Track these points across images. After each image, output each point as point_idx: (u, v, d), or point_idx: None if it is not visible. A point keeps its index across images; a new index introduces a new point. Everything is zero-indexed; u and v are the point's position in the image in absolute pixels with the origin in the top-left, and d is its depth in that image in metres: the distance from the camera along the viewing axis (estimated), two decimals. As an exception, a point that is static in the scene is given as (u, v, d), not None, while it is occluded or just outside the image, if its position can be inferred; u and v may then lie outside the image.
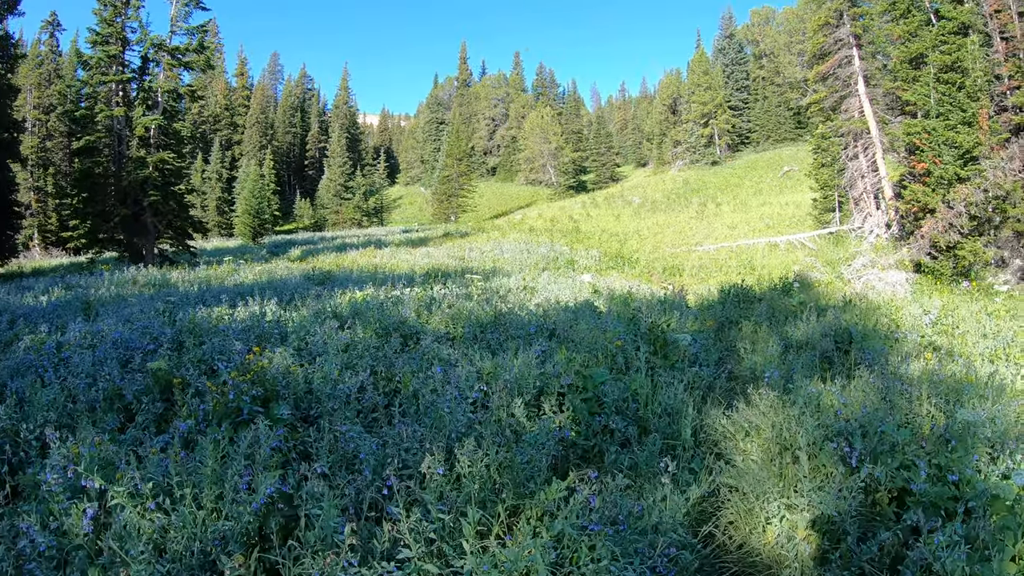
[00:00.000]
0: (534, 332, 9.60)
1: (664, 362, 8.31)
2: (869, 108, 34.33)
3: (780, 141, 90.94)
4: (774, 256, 35.03)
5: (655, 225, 54.02)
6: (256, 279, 21.70)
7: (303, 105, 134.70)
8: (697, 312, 13.27)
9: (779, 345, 9.18)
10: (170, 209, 36.44)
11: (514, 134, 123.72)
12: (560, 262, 34.99)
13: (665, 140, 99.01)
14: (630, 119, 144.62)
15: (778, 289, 16.72)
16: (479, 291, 14.17)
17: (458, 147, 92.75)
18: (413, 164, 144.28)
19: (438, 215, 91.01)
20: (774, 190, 62.04)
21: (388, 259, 35.01)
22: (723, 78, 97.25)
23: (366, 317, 10.91)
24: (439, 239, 52.01)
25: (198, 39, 37.28)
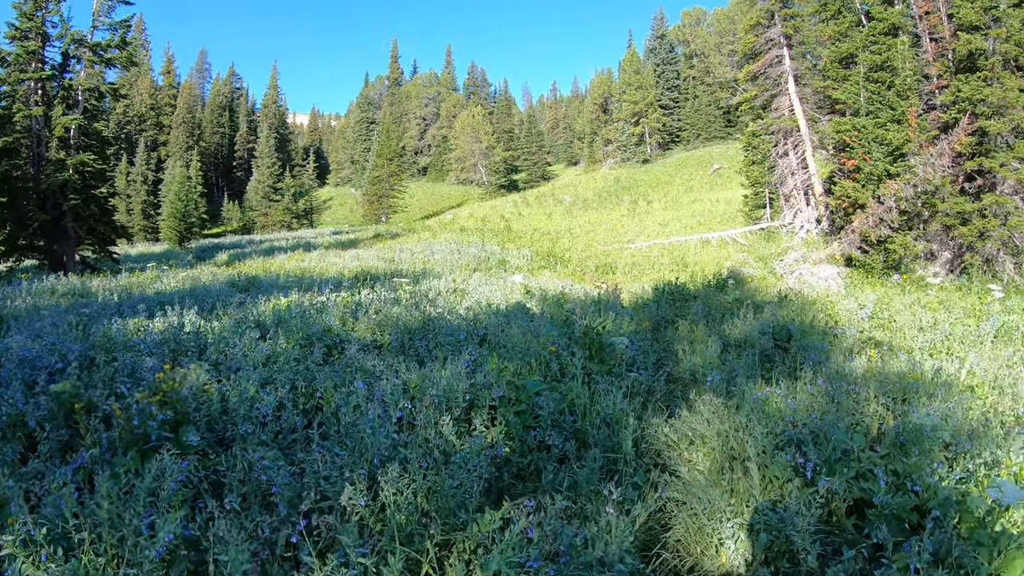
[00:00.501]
0: (464, 339, 9.14)
1: (601, 367, 7.92)
2: (799, 106, 34.59)
3: (710, 139, 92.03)
4: (706, 252, 35.00)
5: (587, 223, 53.93)
6: (179, 286, 20.78)
7: (231, 104, 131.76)
8: (632, 312, 12.93)
9: (718, 345, 8.88)
10: (91, 214, 35.06)
11: (445, 133, 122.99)
12: (492, 262, 34.57)
13: (596, 139, 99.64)
14: (561, 118, 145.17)
15: (713, 286, 16.55)
16: (407, 295, 13.66)
17: (389, 147, 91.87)
18: (344, 164, 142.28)
19: (369, 216, 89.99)
20: (705, 187, 62.39)
21: (317, 262, 34.29)
22: (654, 77, 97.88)
23: (289, 326, 10.39)
24: (369, 241, 51.25)
25: (120, 35, 35.75)
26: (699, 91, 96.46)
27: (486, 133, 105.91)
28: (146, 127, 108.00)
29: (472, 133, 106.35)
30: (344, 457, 4.97)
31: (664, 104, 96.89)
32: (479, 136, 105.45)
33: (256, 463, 4.79)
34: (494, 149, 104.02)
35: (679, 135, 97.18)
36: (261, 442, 5.53)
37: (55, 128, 33.76)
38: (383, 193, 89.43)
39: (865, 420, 5.96)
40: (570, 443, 5.78)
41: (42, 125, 34.08)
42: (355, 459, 4.99)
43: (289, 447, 5.68)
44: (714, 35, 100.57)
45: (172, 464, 4.39)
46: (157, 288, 20.14)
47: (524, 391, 6.32)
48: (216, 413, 6.24)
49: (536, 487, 5.23)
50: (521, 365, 7.63)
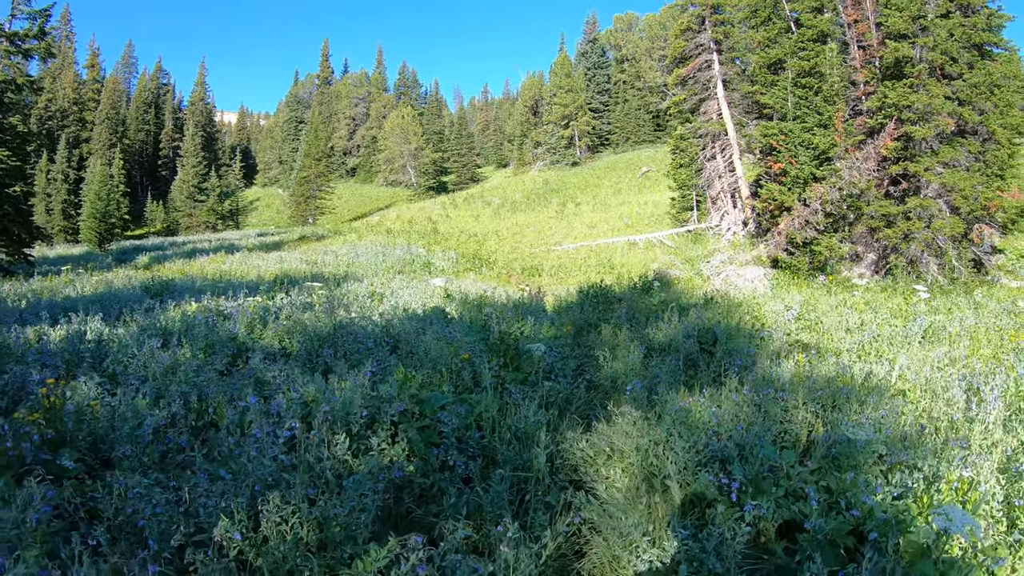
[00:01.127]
0: (372, 347, 8.64)
1: (516, 376, 7.45)
2: (727, 111, 34.74)
3: (639, 143, 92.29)
4: (633, 255, 34.89)
5: (515, 225, 53.76)
6: (93, 291, 20.21)
7: (158, 101, 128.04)
8: (554, 316, 12.52)
9: (641, 350, 8.44)
10: (5, 213, 33.42)
11: (375, 134, 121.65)
12: (416, 264, 34.08)
13: (526, 141, 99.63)
14: (492, 120, 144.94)
15: (638, 288, 16.22)
16: (320, 300, 13.06)
17: (317, 147, 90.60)
18: (272, 165, 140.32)
19: (296, 217, 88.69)
20: (633, 190, 62.61)
21: (238, 265, 33.58)
22: (585, 81, 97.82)
23: (194, 334, 9.86)
24: (295, 243, 50.51)
25: (39, 24, 33.96)
26: (629, 95, 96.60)
27: (415, 134, 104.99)
28: (68, 123, 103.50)
29: (401, 134, 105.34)
30: (228, 482, 4.49)
31: (594, 107, 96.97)
32: (408, 137, 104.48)
33: (131, 489, 4.25)
34: (423, 150, 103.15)
35: (609, 138, 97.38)
36: (142, 464, 5.11)
37: None
38: (311, 194, 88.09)
39: (794, 429, 5.62)
40: (476, 462, 5.28)
41: None
42: (239, 483, 4.50)
43: (176, 469, 5.21)
44: (645, 40, 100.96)
45: (39, 492, 3.96)
46: (69, 293, 19.72)
47: (428, 405, 5.84)
48: (102, 432, 5.73)
49: (439, 511, 4.75)
50: (431, 375, 7.18)
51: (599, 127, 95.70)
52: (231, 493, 4.29)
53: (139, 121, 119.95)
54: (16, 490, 4.19)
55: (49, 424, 5.53)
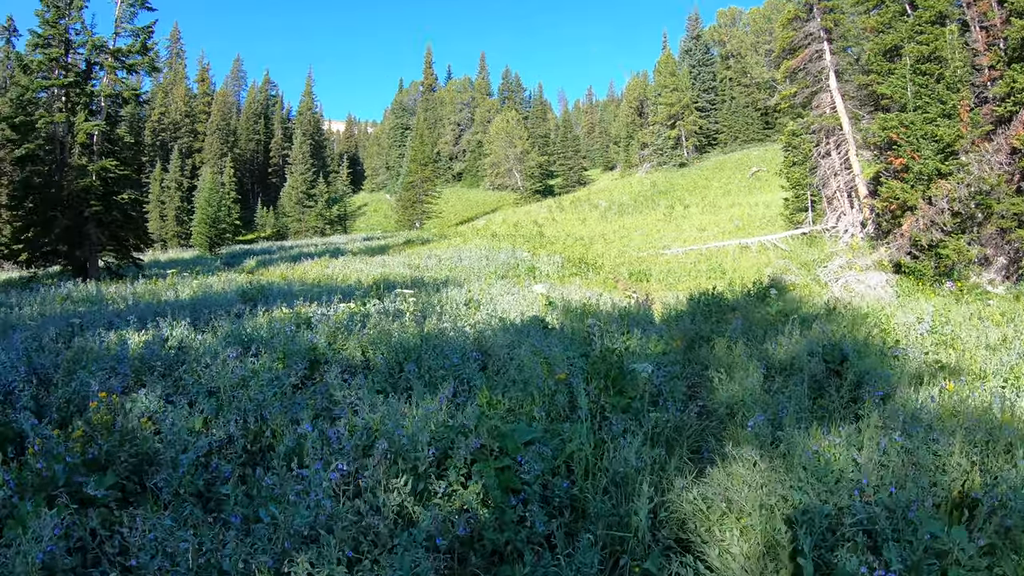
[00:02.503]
0: (459, 362, 7.84)
1: (618, 401, 6.53)
2: (841, 103, 32.96)
3: (748, 142, 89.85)
4: (745, 258, 33.47)
5: (621, 228, 52.69)
6: (191, 294, 20.40)
7: (267, 112, 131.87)
8: (663, 327, 11.58)
9: (760, 370, 7.47)
10: (114, 219, 34.83)
11: (480, 139, 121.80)
12: (520, 269, 33.34)
13: (632, 143, 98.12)
14: (597, 123, 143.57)
15: (753, 296, 15.06)
16: (412, 307, 12.38)
17: (422, 152, 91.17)
18: (378, 171, 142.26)
19: (402, 222, 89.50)
20: (743, 191, 60.67)
21: (340, 269, 33.64)
22: (690, 79, 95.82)
23: (274, 344, 9.29)
24: (399, 247, 50.56)
25: (141, 40, 35.44)
26: (736, 92, 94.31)
27: (520, 138, 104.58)
28: (181, 134, 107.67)
29: (506, 138, 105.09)
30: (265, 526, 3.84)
31: (700, 106, 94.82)
32: (513, 141, 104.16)
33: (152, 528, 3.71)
34: (529, 154, 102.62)
35: (716, 138, 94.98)
36: (178, 496, 4.56)
37: (77, 134, 33.46)
38: (417, 199, 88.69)
39: (944, 480, 4.59)
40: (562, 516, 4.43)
41: (65, 131, 33.96)
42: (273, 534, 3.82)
43: (216, 503, 4.61)
44: (750, 35, 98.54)
45: (49, 524, 3.66)
46: (168, 296, 19.88)
47: (511, 440, 5.01)
48: (151, 452, 5.29)
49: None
50: (521, 398, 6.40)
51: (706, 126, 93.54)
52: (260, 547, 3.67)
53: (249, 131, 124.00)
54: (41, 516, 3.81)
55: (93, 442, 5.16)
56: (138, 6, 35.36)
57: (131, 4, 35.22)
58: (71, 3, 33.89)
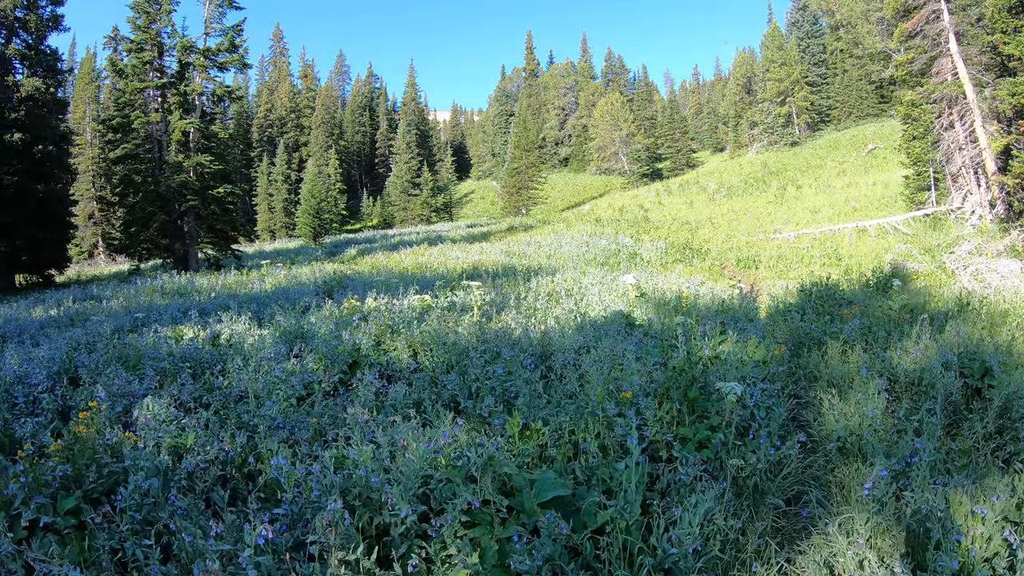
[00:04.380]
0: (501, 373, 6.53)
1: (694, 433, 5.10)
2: (963, 69, 30.21)
3: (862, 118, 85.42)
4: (863, 243, 31.14)
5: (730, 212, 50.72)
6: (274, 286, 20.68)
7: (371, 104, 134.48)
8: (767, 323, 10.06)
9: (881, 388, 5.92)
10: (210, 213, 36.35)
11: (584, 123, 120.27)
12: (621, 256, 31.93)
13: (741, 122, 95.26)
14: (704, 103, 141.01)
15: (872, 287, 13.30)
16: (478, 302, 11.16)
17: (525, 138, 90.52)
18: (484, 158, 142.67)
19: (508, 208, 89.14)
20: (859, 170, 57.51)
21: (436, 257, 33.28)
22: (798, 53, 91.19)
23: (315, 344, 8.53)
24: (502, 233, 49.91)
25: (228, 38, 37.01)
26: (848, 65, 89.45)
27: (625, 120, 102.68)
28: (287, 129, 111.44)
29: (611, 121, 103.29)
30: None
31: (811, 81, 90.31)
32: (619, 124, 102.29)
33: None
34: (634, 137, 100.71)
35: (828, 114, 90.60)
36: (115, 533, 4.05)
37: (173, 132, 35.58)
38: (522, 185, 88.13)
39: None
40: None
41: (162, 130, 36.35)
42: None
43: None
44: (860, 1, 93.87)
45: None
46: (254, 288, 20.53)
47: (527, 496, 3.70)
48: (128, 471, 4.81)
49: None
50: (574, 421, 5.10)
51: (817, 102, 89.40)
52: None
53: (355, 124, 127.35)
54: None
55: (68, 459, 4.94)
56: (226, 6, 37.42)
57: (219, 4, 37.15)
58: (161, 8, 35.72)
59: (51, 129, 38.02)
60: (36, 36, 37.90)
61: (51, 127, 38.24)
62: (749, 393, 5.51)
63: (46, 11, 38.34)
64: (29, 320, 15.73)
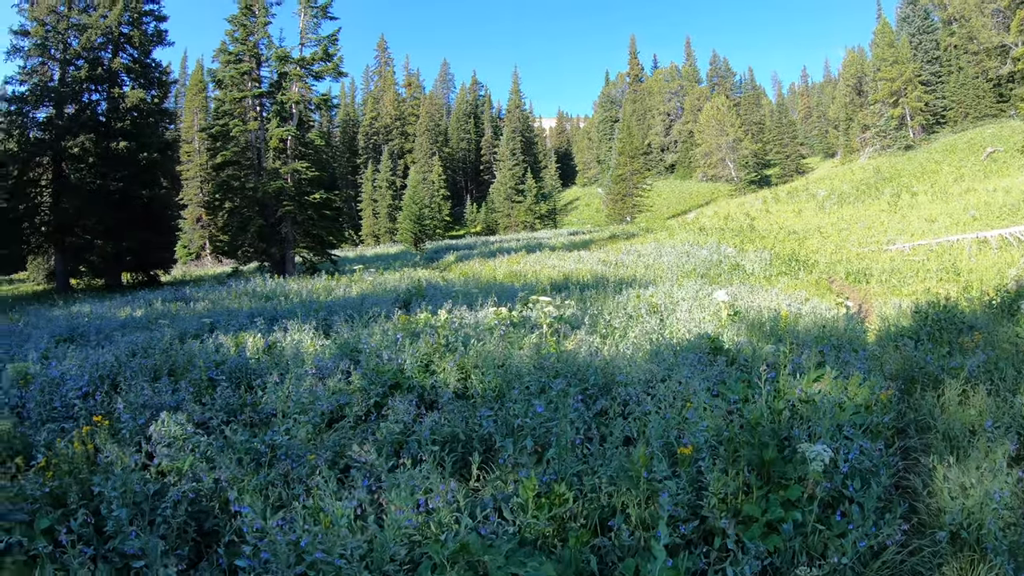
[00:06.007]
0: (541, 411, 5.46)
1: (766, 508, 4.08)
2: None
3: (980, 118, 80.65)
4: (984, 256, 28.97)
5: (840, 220, 48.62)
6: (359, 292, 20.40)
7: (476, 111, 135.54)
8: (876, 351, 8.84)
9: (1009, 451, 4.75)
10: (307, 218, 37.00)
11: (690, 128, 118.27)
12: (723, 267, 30.56)
13: (852, 125, 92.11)
14: (814, 106, 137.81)
15: (996, 308, 11.88)
16: (547, 320, 10.16)
17: (630, 145, 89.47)
18: (590, 165, 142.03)
19: (612, 216, 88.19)
20: (978, 175, 54.43)
21: (531, 265, 32.72)
22: (910, 50, 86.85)
23: (366, 361, 8.00)
24: (603, 241, 49.11)
25: (323, 47, 37.73)
26: (963, 62, 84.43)
27: (732, 125, 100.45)
28: (392, 136, 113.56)
29: (717, 126, 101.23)
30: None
31: (924, 80, 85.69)
32: (725, 129, 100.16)
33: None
34: (742, 142, 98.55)
35: (944, 115, 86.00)
36: None
37: (270, 140, 36.38)
38: (627, 192, 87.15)
39: None
40: None
41: (260, 138, 37.27)
42: None
43: None
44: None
45: None
46: (339, 294, 20.27)
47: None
48: None
49: None
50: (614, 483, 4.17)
51: (932, 102, 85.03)
52: None
53: (459, 131, 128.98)
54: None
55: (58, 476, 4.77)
56: (321, 16, 38.20)
57: (314, 16, 37.99)
58: (257, 20, 36.98)
59: (156, 137, 40.40)
60: (141, 50, 40.24)
61: (156, 136, 40.62)
62: (843, 455, 4.45)
63: (150, 27, 40.84)
64: (111, 319, 15.61)
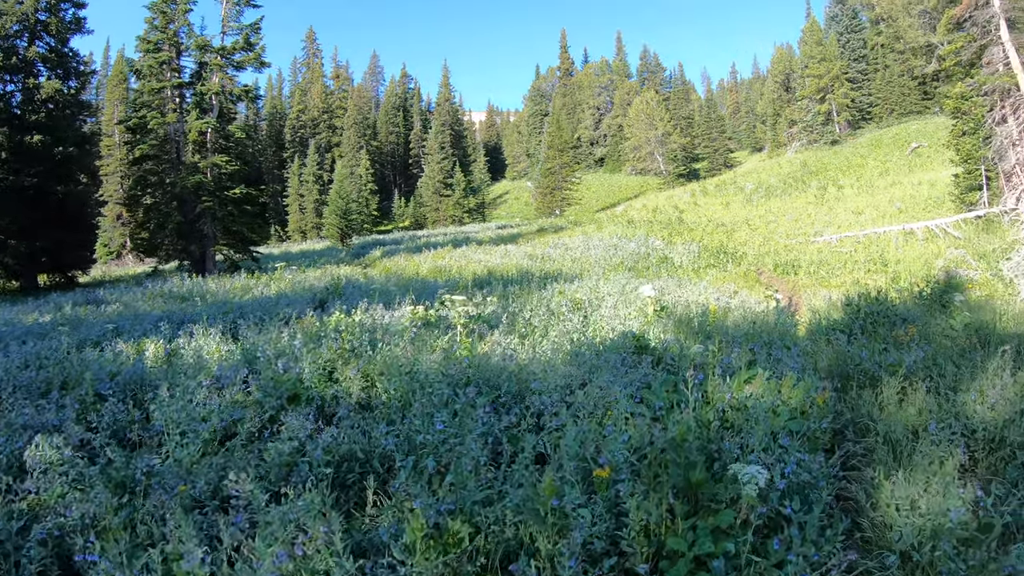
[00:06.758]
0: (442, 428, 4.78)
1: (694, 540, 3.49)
2: (1016, 58, 28.13)
3: (905, 115, 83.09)
4: (910, 247, 29.11)
5: (768, 213, 49.00)
6: (278, 291, 19.91)
7: (405, 105, 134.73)
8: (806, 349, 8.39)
9: (958, 455, 4.29)
10: (227, 214, 35.83)
11: (620, 122, 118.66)
12: (651, 260, 30.30)
13: (779, 120, 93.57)
14: (742, 102, 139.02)
15: (928, 300, 11.57)
16: (461, 320, 9.52)
17: (559, 138, 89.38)
18: (519, 159, 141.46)
19: (542, 209, 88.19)
20: (903, 169, 55.49)
21: (456, 260, 32.40)
22: (838, 48, 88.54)
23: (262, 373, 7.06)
24: (532, 235, 48.88)
25: (244, 36, 36.69)
26: (889, 60, 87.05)
27: (661, 119, 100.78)
28: (320, 129, 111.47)
29: (647, 120, 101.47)
30: None
31: (851, 77, 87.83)
32: (654, 123, 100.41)
33: None
34: (671, 136, 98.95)
35: (870, 112, 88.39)
36: None
37: (189, 133, 35.41)
38: (556, 186, 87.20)
39: None
40: None
41: (179, 131, 36.09)
42: None
43: None
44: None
45: None
46: (257, 293, 19.92)
47: None
48: None
49: None
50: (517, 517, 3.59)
51: (858, 99, 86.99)
52: None
53: (388, 124, 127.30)
54: None
55: None
56: (243, 4, 37.23)
57: (236, 3, 36.94)
58: (178, 7, 35.70)
59: (73, 131, 38.40)
60: (58, 38, 38.15)
61: (73, 129, 38.63)
62: (780, 469, 3.90)
63: (68, 14, 38.64)
64: (17, 326, 14.55)
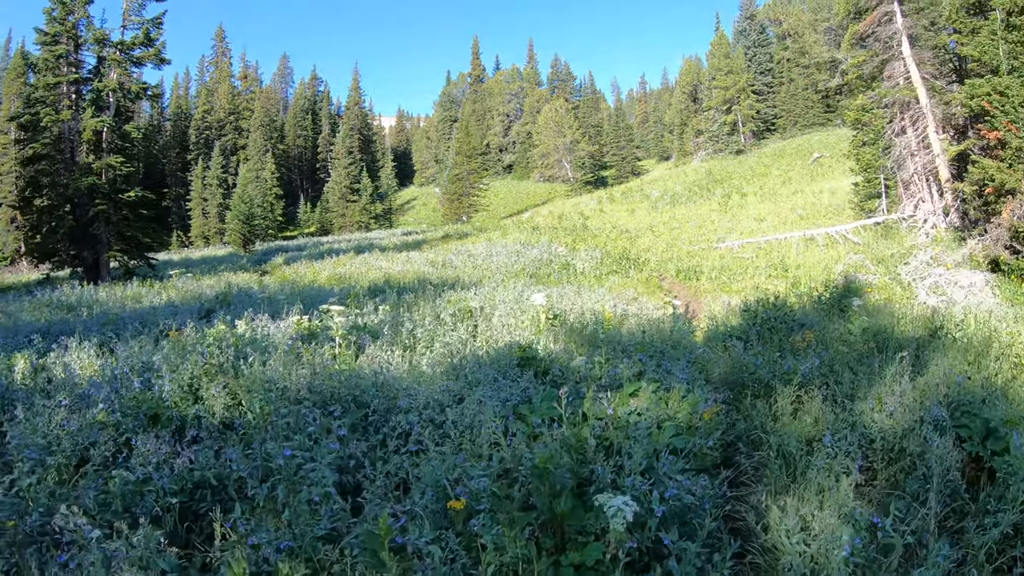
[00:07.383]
0: (290, 454, 4.18)
1: None
2: (916, 72, 28.73)
3: (808, 126, 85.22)
4: (811, 252, 29.43)
5: (672, 220, 49.25)
6: (167, 301, 19.03)
7: (314, 108, 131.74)
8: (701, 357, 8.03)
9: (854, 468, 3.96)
10: (122, 218, 33.96)
11: (529, 129, 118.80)
12: (553, 266, 29.93)
13: (686, 130, 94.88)
14: (651, 112, 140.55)
15: (826, 304, 11.41)
16: (340, 332, 8.94)
17: (468, 144, 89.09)
18: (428, 164, 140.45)
19: (449, 215, 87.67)
20: (805, 178, 56.60)
21: (356, 267, 31.35)
22: (745, 61, 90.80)
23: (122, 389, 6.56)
24: (436, 241, 47.92)
25: (143, 30, 34.64)
26: (794, 74, 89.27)
27: (570, 127, 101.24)
28: (225, 131, 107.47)
29: (555, 128, 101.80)
30: None
31: (757, 89, 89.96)
32: (563, 131, 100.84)
33: None
34: (579, 144, 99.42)
35: (774, 123, 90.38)
36: None
37: (84, 131, 33.24)
38: (463, 192, 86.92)
39: None
40: None
41: (75, 130, 33.85)
42: None
43: None
44: (808, 12, 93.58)
45: None
46: (149, 302, 19.07)
47: None
48: None
49: None
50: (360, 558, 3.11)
51: (763, 111, 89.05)
52: None
53: (296, 127, 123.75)
54: None
55: None
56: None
57: None
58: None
59: None
60: None
61: None
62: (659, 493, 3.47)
63: None
64: None
